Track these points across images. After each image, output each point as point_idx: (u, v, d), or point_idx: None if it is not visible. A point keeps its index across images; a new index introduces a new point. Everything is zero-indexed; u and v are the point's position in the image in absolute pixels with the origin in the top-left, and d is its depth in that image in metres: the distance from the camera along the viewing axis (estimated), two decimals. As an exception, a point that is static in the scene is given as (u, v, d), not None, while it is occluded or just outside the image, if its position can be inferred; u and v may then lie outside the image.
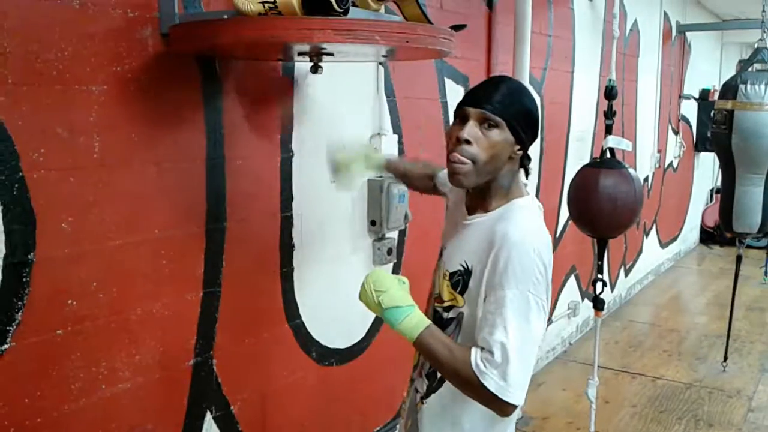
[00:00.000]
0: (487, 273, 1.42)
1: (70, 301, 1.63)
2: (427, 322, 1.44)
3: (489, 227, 1.47)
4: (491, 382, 1.35)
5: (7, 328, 1.51)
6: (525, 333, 1.37)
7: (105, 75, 1.65)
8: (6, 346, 1.51)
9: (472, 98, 1.48)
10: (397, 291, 1.45)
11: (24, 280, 1.53)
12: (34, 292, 1.55)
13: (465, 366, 1.38)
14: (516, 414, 1.55)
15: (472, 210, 1.57)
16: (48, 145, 1.55)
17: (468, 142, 1.44)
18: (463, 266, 1.51)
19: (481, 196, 1.53)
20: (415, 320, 1.43)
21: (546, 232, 1.49)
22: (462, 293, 1.51)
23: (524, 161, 1.55)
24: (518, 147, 1.49)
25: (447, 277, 1.55)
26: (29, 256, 1.54)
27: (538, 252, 1.41)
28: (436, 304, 1.60)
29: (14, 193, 1.50)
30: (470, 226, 1.54)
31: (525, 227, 1.45)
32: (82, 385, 1.68)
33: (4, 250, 1.49)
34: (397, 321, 1.43)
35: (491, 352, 1.36)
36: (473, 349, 1.39)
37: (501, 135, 1.45)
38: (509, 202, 1.51)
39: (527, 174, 1.58)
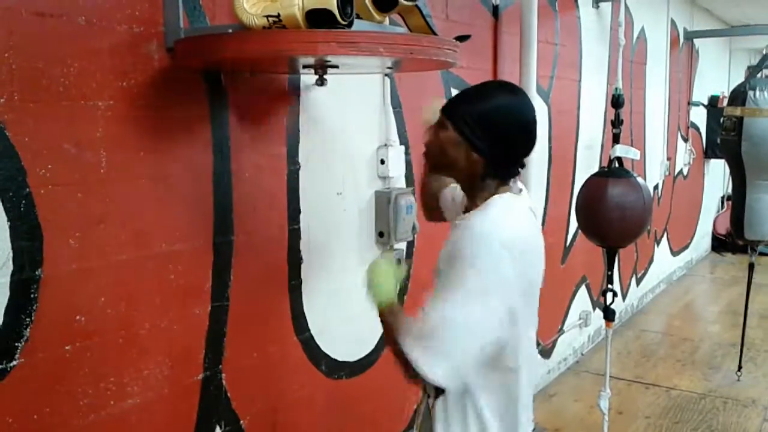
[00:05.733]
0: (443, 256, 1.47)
1: (78, 317, 1.63)
2: (396, 303, 1.51)
3: (462, 225, 1.48)
4: (409, 348, 1.39)
5: (16, 344, 1.51)
6: (454, 310, 1.38)
7: (111, 90, 1.66)
8: (14, 363, 1.51)
9: None
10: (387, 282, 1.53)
11: (32, 296, 1.53)
12: (41, 308, 1.55)
13: (397, 335, 1.43)
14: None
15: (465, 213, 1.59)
16: (55, 160, 1.55)
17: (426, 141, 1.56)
18: (438, 266, 1.52)
19: (469, 199, 1.58)
20: (386, 300, 1.50)
21: (517, 224, 1.46)
22: None
23: (496, 170, 1.49)
24: (475, 153, 1.46)
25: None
26: (37, 272, 1.54)
27: (495, 237, 1.39)
28: None
29: (21, 209, 1.50)
30: (453, 227, 1.55)
31: (488, 216, 1.44)
32: (90, 401, 1.67)
33: (11, 267, 1.49)
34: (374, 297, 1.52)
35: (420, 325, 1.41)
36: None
37: (444, 134, 1.49)
38: (487, 200, 1.49)
39: (507, 180, 1.53)
